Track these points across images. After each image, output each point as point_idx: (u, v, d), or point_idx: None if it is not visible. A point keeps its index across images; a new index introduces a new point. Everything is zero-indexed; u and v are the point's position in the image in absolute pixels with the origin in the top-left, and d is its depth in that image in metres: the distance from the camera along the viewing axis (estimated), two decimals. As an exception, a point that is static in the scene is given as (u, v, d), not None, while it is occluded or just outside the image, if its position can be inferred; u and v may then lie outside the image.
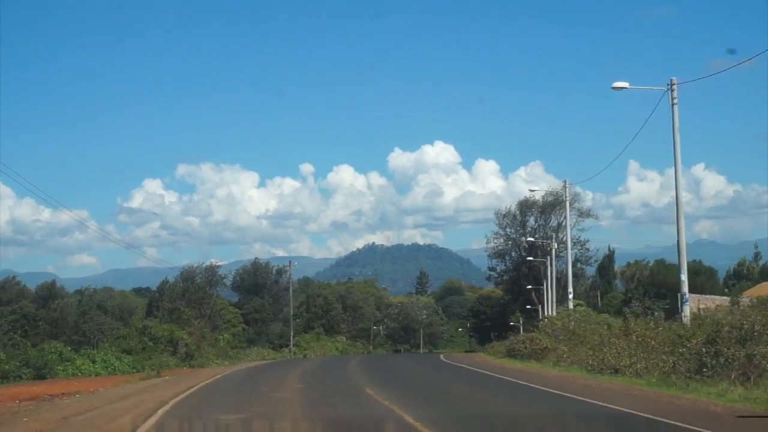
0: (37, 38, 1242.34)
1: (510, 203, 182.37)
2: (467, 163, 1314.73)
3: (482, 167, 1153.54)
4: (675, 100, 47.30)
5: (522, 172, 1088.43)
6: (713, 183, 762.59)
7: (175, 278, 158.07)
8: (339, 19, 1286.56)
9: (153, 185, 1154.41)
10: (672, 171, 48.24)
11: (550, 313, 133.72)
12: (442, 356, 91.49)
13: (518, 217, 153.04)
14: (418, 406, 27.23)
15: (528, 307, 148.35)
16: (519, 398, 31.53)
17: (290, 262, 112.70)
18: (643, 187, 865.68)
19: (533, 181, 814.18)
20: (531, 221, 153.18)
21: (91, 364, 63.53)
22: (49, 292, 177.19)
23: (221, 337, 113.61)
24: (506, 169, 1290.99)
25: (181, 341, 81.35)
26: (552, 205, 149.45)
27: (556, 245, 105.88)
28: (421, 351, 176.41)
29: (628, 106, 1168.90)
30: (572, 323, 68.03)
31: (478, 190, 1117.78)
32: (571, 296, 77.87)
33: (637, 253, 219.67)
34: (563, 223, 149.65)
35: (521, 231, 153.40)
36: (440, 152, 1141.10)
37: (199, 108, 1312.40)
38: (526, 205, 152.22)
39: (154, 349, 77.12)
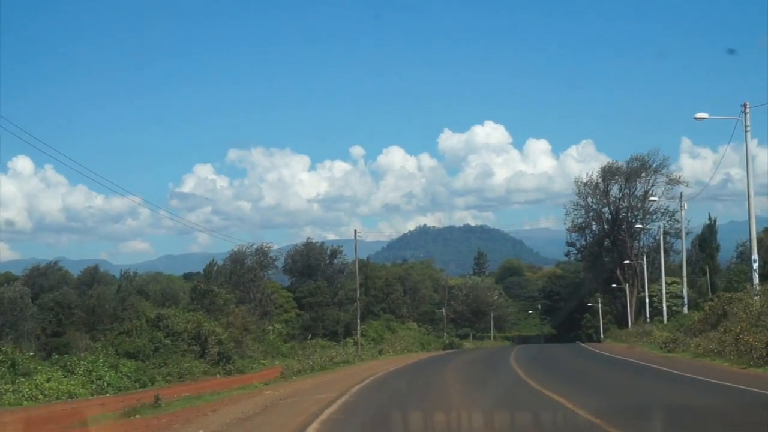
0: (83, 20, 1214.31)
1: (591, 171, 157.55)
2: (518, 143, 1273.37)
3: (533, 147, 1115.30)
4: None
5: (573, 151, 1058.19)
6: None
7: (223, 261, 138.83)
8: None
9: (204, 170, 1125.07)
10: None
11: (644, 292, 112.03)
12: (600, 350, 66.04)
13: (601, 186, 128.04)
14: None
15: (613, 286, 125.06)
16: None
17: (355, 231, 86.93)
18: (696, 164, 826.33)
19: (584, 161, 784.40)
20: (614, 190, 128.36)
21: (64, 380, 39.13)
22: (93, 277, 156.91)
23: (271, 327, 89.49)
24: (557, 149, 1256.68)
25: (212, 337, 56.33)
26: (638, 171, 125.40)
27: (686, 205, 79.65)
28: (492, 335, 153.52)
29: (680, 84, 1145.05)
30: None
31: (529, 170, 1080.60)
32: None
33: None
34: (651, 192, 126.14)
35: (604, 201, 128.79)
36: (491, 132, 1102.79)
37: (248, 92, 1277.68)
38: (609, 172, 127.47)
39: (172, 349, 52.62)
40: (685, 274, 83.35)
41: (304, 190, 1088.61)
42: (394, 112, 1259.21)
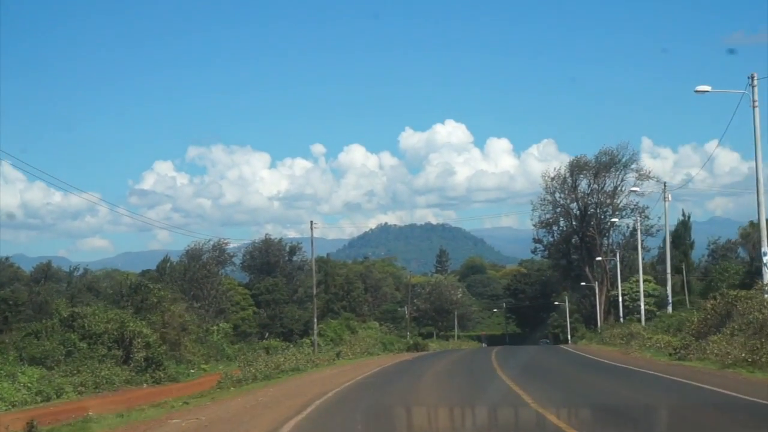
0: (45, 18, 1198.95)
1: (559, 165, 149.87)
2: (479, 142, 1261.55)
3: (494, 146, 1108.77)
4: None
5: (534, 150, 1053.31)
6: (727, 160, 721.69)
7: (180, 257, 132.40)
8: None
9: (164, 167, 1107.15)
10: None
11: (614, 290, 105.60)
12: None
13: (569, 181, 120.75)
14: None
15: (582, 284, 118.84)
16: None
17: (311, 222, 77.65)
18: (657, 164, 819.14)
19: (546, 160, 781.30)
20: (583, 185, 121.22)
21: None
22: (45, 274, 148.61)
23: (216, 327, 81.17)
24: (518, 148, 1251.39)
25: (138, 339, 48.16)
26: (607, 166, 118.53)
27: (669, 197, 72.42)
28: (456, 334, 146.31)
29: (639, 82, 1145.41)
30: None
31: (490, 169, 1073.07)
32: None
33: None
34: (620, 187, 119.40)
35: (572, 196, 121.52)
36: (452, 131, 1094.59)
37: (209, 90, 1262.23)
38: (578, 166, 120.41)
39: (88, 354, 44.62)
40: (669, 270, 76.58)
41: (265, 187, 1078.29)
42: (356, 111, 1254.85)
